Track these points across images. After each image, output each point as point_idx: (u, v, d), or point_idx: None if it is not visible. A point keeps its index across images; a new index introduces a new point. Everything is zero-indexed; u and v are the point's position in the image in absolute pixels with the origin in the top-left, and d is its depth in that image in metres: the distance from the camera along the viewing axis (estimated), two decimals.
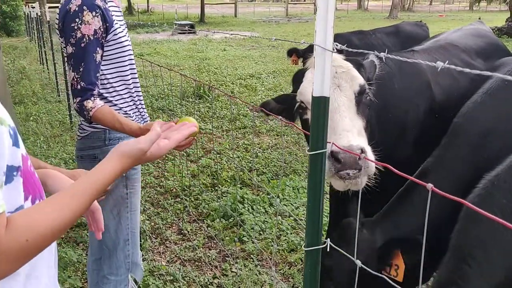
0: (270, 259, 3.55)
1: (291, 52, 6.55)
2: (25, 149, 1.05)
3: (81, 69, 1.96)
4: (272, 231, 3.86)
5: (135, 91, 2.24)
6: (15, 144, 0.95)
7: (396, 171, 1.03)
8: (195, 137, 1.91)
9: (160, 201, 4.53)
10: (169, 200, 4.57)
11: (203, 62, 13.43)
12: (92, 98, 1.97)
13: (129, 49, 2.19)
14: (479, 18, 4.64)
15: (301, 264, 3.42)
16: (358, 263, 1.16)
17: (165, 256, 3.61)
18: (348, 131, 1.92)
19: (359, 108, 2.05)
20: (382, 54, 1.03)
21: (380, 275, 1.22)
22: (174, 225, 4.10)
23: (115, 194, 2.18)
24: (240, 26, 29.44)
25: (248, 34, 16.67)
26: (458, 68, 0.86)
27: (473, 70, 0.83)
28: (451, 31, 3.52)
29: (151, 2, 44.82)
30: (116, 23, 2.09)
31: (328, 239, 1.29)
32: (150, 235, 3.89)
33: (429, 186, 0.91)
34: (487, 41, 3.19)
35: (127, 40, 2.18)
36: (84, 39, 1.95)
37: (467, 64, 2.81)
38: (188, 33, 22.63)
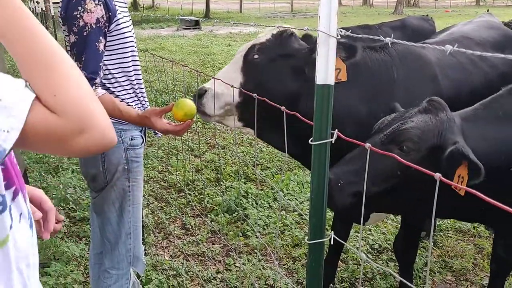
0: (274, 254, 3.52)
1: None
2: None
3: (83, 58, 1.94)
4: (276, 226, 3.84)
5: (136, 83, 2.21)
6: None
7: (401, 159, 0.99)
8: (193, 119, 1.99)
9: (163, 195, 4.51)
10: (172, 194, 4.55)
11: (207, 57, 13.38)
12: (94, 87, 1.94)
13: (132, 41, 2.16)
14: (487, 11, 4.57)
15: (305, 259, 3.39)
16: (363, 256, 1.13)
17: (168, 251, 3.59)
18: (219, 77, 2.33)
19: (243, 65, 2.40)
20: (388, 39, 0.99)
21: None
22: (178, 219, 4.08)
23: (117, 187, 2.16)
24: (245, 21, 29.34)
25: (252, 26, 16.61)
26: (469, 51, 0.82)
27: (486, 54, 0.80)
28: (462, 23, 3.46)
29: None
30: (119, 13, 2.06)
31: (332, 232, 1.26)
32: (154, 229, 3.87)
33: (437, 175, 0.88)
34: (501, 33, 3.13)
35: (130, 31, 2.15)
36: (87, 28, 1.92)
37: (482, 57, 2.72)
38: (193, 28, 22.60)
